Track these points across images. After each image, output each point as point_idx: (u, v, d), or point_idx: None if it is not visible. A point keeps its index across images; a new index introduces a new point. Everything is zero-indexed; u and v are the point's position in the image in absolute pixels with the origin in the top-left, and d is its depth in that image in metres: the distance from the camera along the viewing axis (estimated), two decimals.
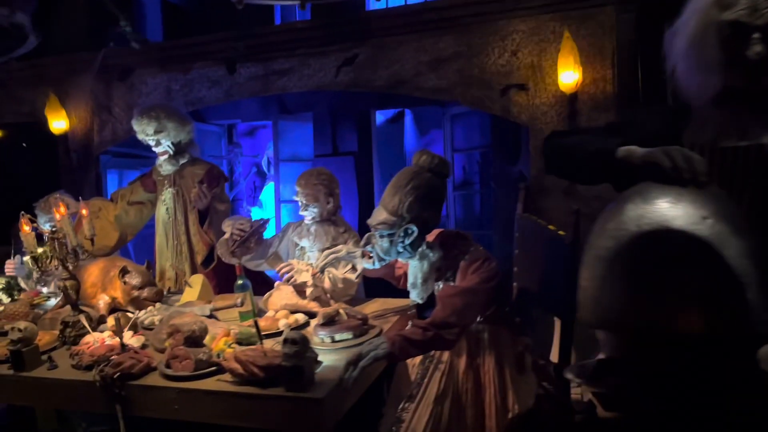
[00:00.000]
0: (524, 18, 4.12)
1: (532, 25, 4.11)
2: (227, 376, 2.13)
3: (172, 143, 3.50)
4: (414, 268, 2.28)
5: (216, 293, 3.14)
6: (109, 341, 2.41)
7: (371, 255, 2.28)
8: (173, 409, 2.13)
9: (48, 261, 2.51)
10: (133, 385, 2.19)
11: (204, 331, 2.24)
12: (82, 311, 2.62)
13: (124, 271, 2.86)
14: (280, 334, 2.47)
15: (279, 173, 5.86)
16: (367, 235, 2.32)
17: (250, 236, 2.83)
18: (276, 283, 2.82)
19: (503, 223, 5.07)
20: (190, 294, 2.91)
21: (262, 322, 2.47)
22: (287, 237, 3.15)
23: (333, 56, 4.62)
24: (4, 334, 2.78)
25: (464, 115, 5.77)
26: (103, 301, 2.94)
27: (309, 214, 2.96)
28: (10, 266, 3.43)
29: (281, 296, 2.66)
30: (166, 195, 3.57)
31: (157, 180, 3.63)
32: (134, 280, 2.87)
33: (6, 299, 3.18)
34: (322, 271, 2.46)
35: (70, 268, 2.53)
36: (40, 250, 2.48)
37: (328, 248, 2.95)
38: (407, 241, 2.21)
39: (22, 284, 3.49)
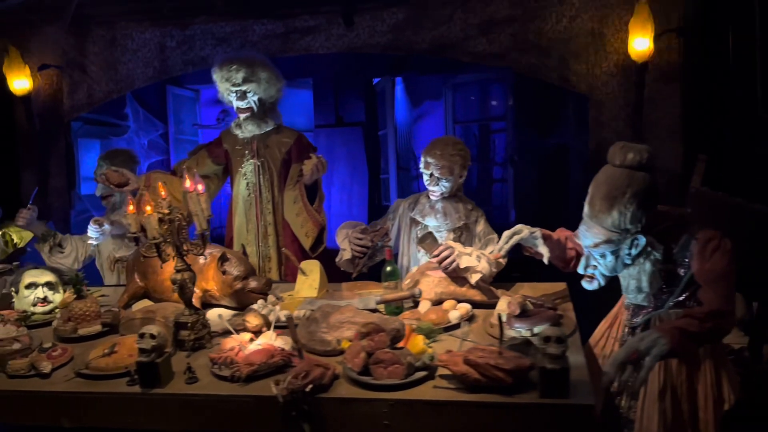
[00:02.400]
0: None
1: None
2: (441, 382, 1.83)
3: (259, 99, 3.02)
4: (634, 272, 2.05)
5: None
6: (257, 345, 2.01)
7: (593, 276, 2.03)
8: (381, 425, 1.79)
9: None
10: (325, 398, 1.82)
11: (402, 330, 1.90)
12: (198, 309, 2.18)
13: (223, 259, 2.41)
14: (455, 327, 2.18)
15: None
16: (584, 256, 2.06)
17: (375, 252, 2.51)
18: (416, 269, 2.49)
19: (531, 198, 4.94)
20: (306, 283, 2.51)
21: (432, 315, 2.16)
22: (398, 216, 2.81)
23: (367, 15, 4.24)
24: (75, 339, 2.29)
25: (468, 85, 5.56)
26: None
27: (439, 189, 2.65)
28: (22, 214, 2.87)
29: (431, 284, 2.34)
30: (247, 168, 3.09)
31: (232, 149, 3.12)
32: (236, 269, 2.44)
33: (59, 296, 2.61)
34: (506, 255, 2.17)
35: (196, 255, 2.08)
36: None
37: (459, 227, 2.67)
38: (634, 252, 1.98)
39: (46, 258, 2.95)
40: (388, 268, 2.35)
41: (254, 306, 2.38)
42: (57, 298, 2.61)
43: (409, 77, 5.59)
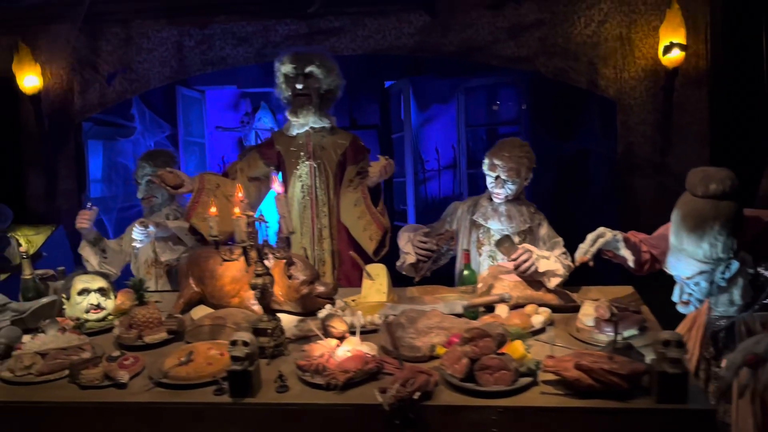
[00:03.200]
0: None
1: None
2: (547, 388, 1.80)
3: (319, 90, 2.98)
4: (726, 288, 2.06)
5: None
6: (345, 351, 1.96)
7: (688, 302, 2.03)
8: None
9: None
10: (430, 406, 1.78)
11: (506, 335, 1.87)
12: (275, 316, 2.12)
13: (289, 263, 2.35)
14: (539, 332, 2.16)
15: None
16: (677, 285, 2.05)
17: (440, 257, 2.47)
18: (487, 273, 2.45)
19: (546, 201, 4.94)
20: (374, 287, 2.46)
21: (516, 320, 2.14)
22: (456, 219, 2.78)
23: (393, 17, 4.22)
24: (140, 347, 2.20)
25: (481, 89, 5.57)
26: (255, 300, 2.40)
27: (504, 192, 2.62)
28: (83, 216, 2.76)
29: (506, 288, 2.31)
30: (302, 169, 3.01)
31: (285, 151, 3.04)
32: (302, 274, 2.38)
33: (111, 302, 2.51)
34: (594, 257, 2.15)
35: (278, 258, 2.01)
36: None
37: (523, 231, 2.65)
38: (728, 275, 1.98)
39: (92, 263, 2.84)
40: (465, 272, 2.32)
41: (324, 310, 2.32)
42: (109, 304, 2.51)
43: (418, 80, 5.56)
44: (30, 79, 4.33)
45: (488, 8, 4.10)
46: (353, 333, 2.08)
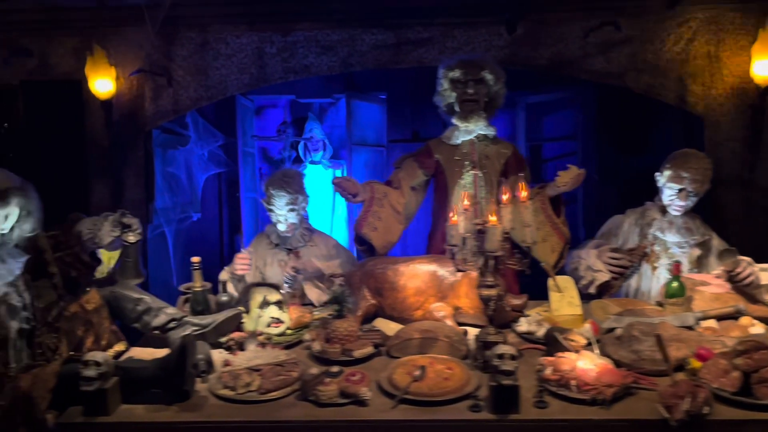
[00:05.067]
0: (702, 6, 4.09)
1: (710, 14, 4.11)
2: None
3: (487, 96, 2.93)
4: None
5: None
6: (589, 365, 1.93)
7: None
8: None
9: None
10: (713, 421, 1.76)
11: None
12: (500, 329, 2.06)
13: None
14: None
15: (352, 160, 5.20)
16: None
17: (632, 273, 2.47)
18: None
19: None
20: (564, 300, 2.43)
21: (736, 332, 2.13)
22: (623, 233, 2.77)
23: (483, 29, 4.22)
24: (343, 362, 2.11)
25: (543, 105, 5.63)
26: (444, 312, 2.35)
27: (687, 204, 2.63)
28: (244, 261, 2.63)
29: (707, 299, 2.32)
30: (467, 178, 2.95)
31: (447, 160, 2.98)
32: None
33: (286, 315, 2.40)
34: None
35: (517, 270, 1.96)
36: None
37: (701, 243, 2.66)
38: None
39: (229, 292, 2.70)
40: (674, 284, 2.30)
41: (522, 323, 2.27)
42: (285, 317, 2.40)
43: None
44: (103, 84, 4.15)
45: (577, 22, 4.13)
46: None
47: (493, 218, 1.91)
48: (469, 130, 3.00)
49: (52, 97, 4.43)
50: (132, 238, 2.40)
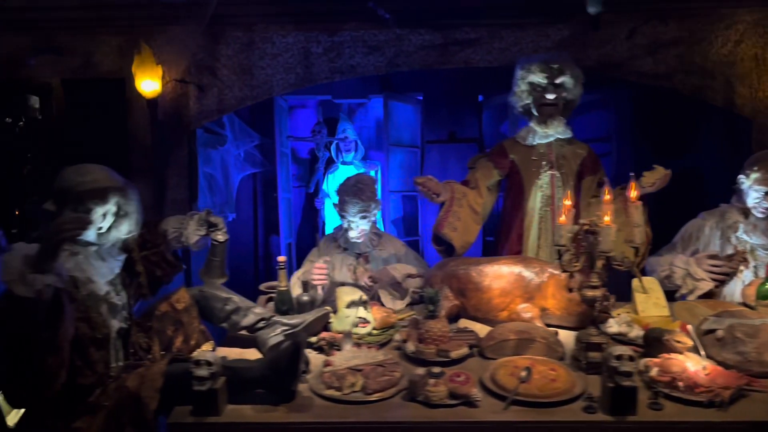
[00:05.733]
0: (750, 8, 4.10)
1: (757, 16, 4.12)
2: None
3: (565, 99, 2.93)
4: None
5: None
6: (698, 366, 1.92)
7: None
8: None
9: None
10: None
11: None
12: (602, 331, 2.06)
13: (570, 276, 2.29)
14: None
15: (389, 160, 5.18)
16: None
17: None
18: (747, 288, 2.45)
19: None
20: (650, 301, 2.42)
21: None
22: (704, 237, 2.77)
23: (531, 30, 4.23)
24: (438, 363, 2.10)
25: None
26: (531, 313, 2.34)
27: None
28: (322, 271, 2.60)
29: None
30: (544, 179, 2.94)
31: (523, 160, 2.98)
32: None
33: (370, 315, 2.39)
34: None
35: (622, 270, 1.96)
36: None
37: None
38: None
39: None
40: (767, 286, 2.30)
41: (613, 325, 2.27)
42: (371, 317, 2.39)
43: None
44: (149, 83, 4.13)
45: (624, 24, 4.13)
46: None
47: (607, 218, 1.90)
48: (547, 134, 2.99)
49: (94, 96, 4.42)
50: (221, 237, 2.39)
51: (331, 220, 5.70)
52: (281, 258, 2.51)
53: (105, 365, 2.01)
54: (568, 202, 2.05)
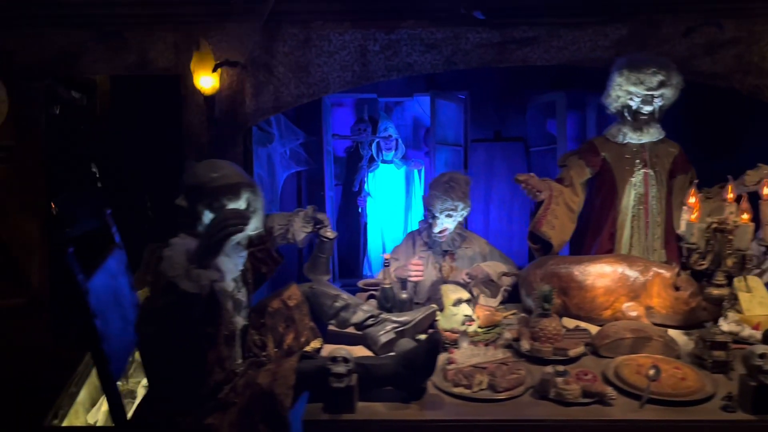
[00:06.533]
0: None
1: None
2: None
3: (660, 108, 2.91)
4: None
5: None
6: None
7: None
8: None
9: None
10: None
11: None
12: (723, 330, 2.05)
13: (678, 274, 2.29)
14: None
15: (435, 159, 5.17)
16: None
17: None
18: None
19: None
20: (755, 300, 2.41)
21: None
22: None
23: (589, 29, 4.22)
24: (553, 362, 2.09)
25: None
26: (636, 312, 2.34)
27: None
28: (418, 267, 2.59)
29: None
30: (637, 177, 2.94)
31: (615, 158, 2.97)
32: (689, 285, 2.32)
33: (481, 314, 2.38)
34: None
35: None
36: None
37: None
38: None
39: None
40: None
41: (725, 323, 2.26)
42: (475, 315, 2.39)
43: (574, 94, 5.42)
44: (207, 80, 4.11)
45: (681, 24, 4.13)
46: None
47: (745, 216, 1.89)
48: (641, 138, 2.99)
49: (149, 92, 4.40)
50: (330, 234, 2.38)
51: (373, 219, 5.69)
52: (386, 255, 2.50)
53: (232, 362, 2.00)
54: (693, 200, 2.04)
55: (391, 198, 5.72)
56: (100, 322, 1.90)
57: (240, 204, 2.04)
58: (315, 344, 2.27)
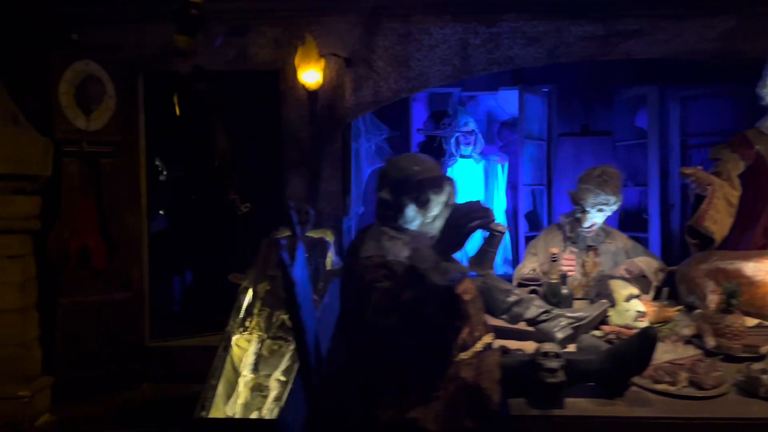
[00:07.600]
0: None
1: None
2: None
3: None
4: None
5: None
6: None
7: None
8: None
9: None
10: None
11: None
12: None
13: None
14: None
15: (522, 153, 5.12)
16: None
17: None
18: None
19: None
20: None
21: None
22: None
23: (694, 21, 4.13)
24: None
25: (698, 98, 5.45)
26: None
27: None
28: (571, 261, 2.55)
29: None
30: None
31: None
32: None
33: (651, 310, 2.33)
34: None
35: None
36: None
37: None
38: None
39: None
40: None
41: None
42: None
43: (669, 89, 5.30)
44: (312, 74, 4.10)
45: None
46: None
47: None
48: None
49: (250, 87, 4.41)
50: (501, 228, 2.34)
51: None
52: (554, 249, 2.46)
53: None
54: None
55: (470, 193, 5.67)
56: (303, 314, 1.89)
57: (443, 197, 2.02)
58: (487, 339, 2.24)
